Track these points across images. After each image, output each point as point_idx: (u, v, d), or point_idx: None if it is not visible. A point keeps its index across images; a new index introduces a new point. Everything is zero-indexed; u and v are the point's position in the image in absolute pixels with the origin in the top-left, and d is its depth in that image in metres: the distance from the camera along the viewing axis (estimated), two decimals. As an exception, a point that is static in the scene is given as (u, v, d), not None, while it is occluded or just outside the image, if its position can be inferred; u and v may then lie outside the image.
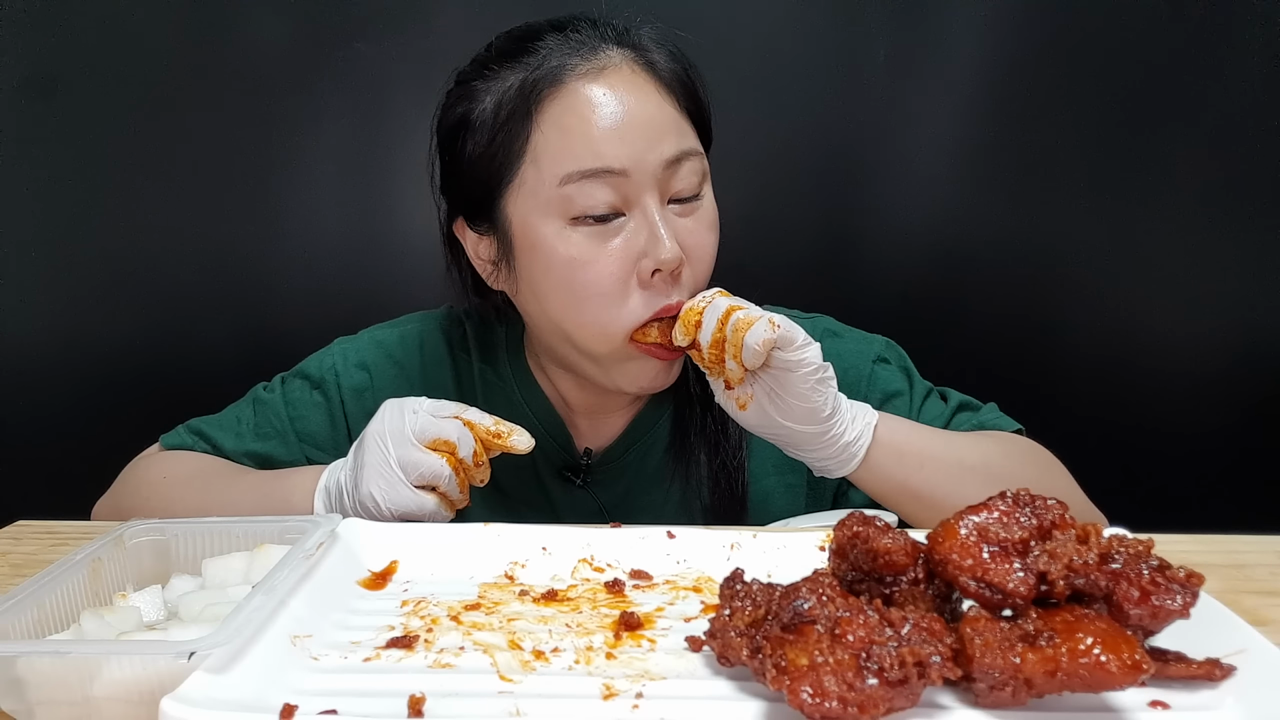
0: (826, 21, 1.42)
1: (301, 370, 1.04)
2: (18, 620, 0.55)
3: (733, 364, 0.79)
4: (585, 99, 0.84)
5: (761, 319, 0.78)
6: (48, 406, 1.54)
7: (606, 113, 0.84)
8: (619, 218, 0.85)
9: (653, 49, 0.90)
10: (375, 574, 0.66)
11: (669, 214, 0.86)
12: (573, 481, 1.00)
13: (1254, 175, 1.43)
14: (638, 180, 0.84)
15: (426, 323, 1.06)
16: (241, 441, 0.99)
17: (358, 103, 1.46)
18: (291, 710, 0.45)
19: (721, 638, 0.50)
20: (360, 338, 1.05)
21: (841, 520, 0.55)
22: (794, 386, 0.79)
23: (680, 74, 0.91)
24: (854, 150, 1.47)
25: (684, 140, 0.87)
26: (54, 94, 1.46)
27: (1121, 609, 0.47)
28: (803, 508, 1.01)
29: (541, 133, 0.85)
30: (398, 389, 1.00)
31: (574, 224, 0.84)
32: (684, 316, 0.83)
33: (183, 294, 1.52)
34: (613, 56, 0.87)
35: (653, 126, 0.85)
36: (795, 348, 0.78)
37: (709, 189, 0.91)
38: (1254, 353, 1.48)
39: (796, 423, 0.81)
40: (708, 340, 0.81)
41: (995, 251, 1.48)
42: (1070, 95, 1.42)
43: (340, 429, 1.01)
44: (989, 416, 0.99)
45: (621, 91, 0.85)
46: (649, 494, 1.00)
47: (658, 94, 0.87)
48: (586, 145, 0.83)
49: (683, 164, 0.86)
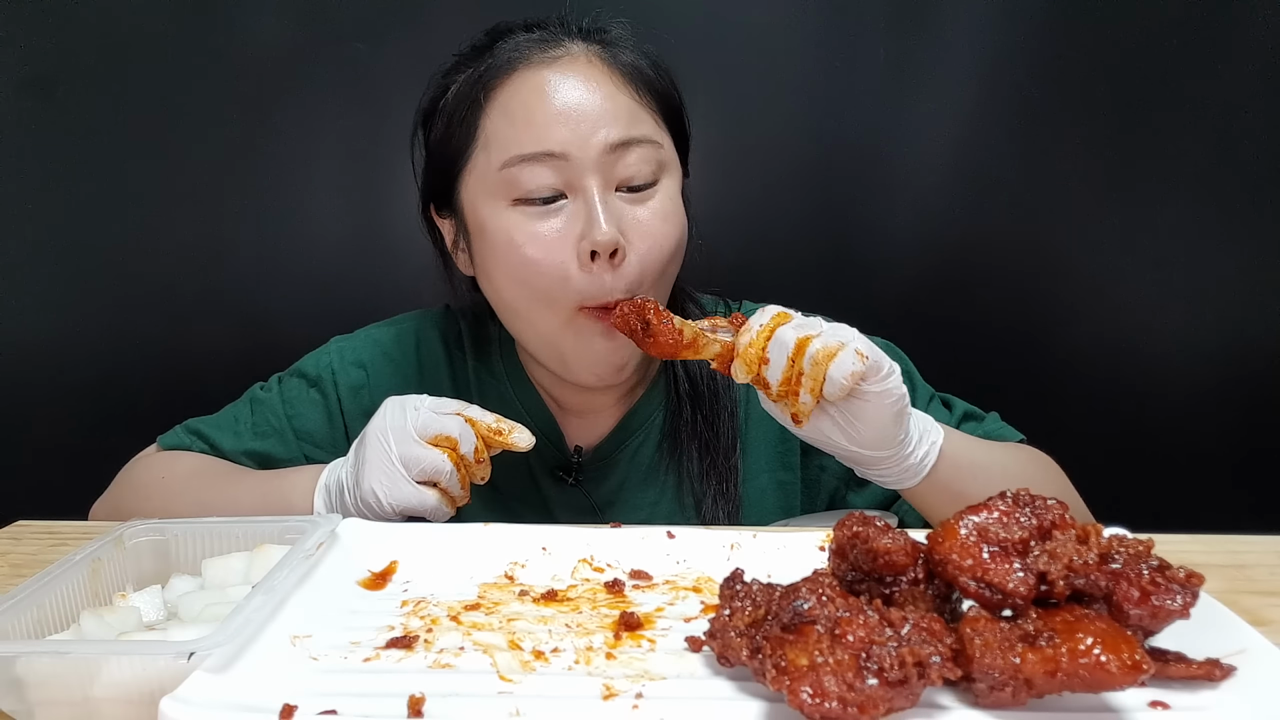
0: (826, 21, 1.42)
1: (298, 369, 1.04)
2: (18, 620, 0.55)
3: (808, 398, 0.72)
4: (533, 85, 0.87)
5: (847, 349, 0.71)
6: (48, 406, 1.54)
7: (551, 98, 0.86)
8: (560, 199, 0.86)
9: (617, 43, 0.91)
10: (375, 574, 0.66)
11: (613, 199, 0.87)
12: (564, 480, 1.00)
13: (1255, 175, 1.43)
14: (579, 163, 0.85)
15: (423, 321, 1.06)
16: (240, 441, 0.99)
17: (358, 103, 1.46)
18: (291, 710, 0.45)
19: (721, 638, 0.50)
20: (357, 336, 1.06)
21: (841, 520, 0.55)
22: (870, 416, 0.73)
23: (643, 67, 0.91)
24: (853, 151, 1.46)
25: (634, 128, 0.87)
26: (54, 94, 1.46)
27: (1121, 609, 0.47)
28: (798, 504, 1.01)
29: (490, 119, 0.87)
30: (394, 387, 1.00)
31: (516, 205, 0.87)
32: (743, 355, 0.74)
33: (181, 293, 1.52)
34: (571, 48, 0.89)
35: (599, 112, 0.86)
36: (880, 378, 0.72)
37: (670, 181, 0.91)
38: (1255, 353, 1.48)
39: (864, 447, 0.76)
40: (778, 379, 0.73)
41: (995, 251, 1.48)
42: (1071, 95, 1.42)
43: (338, 427, 1.01)
44: (994, 427, 0.99)
45: (571, 78, 0.87)
46: (641, 492, 1.00)
47: (612, 83, 0.88)
48: (529, 129, 0.85)
49: (631, 150, 0.86)
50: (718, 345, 0.76)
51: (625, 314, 0.78)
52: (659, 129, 0.90)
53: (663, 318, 0.76)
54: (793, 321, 0.74)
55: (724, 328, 0.78)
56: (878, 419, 0.74)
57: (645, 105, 0.89)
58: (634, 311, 0.77)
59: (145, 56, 1.45)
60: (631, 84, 0.89)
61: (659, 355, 0.77)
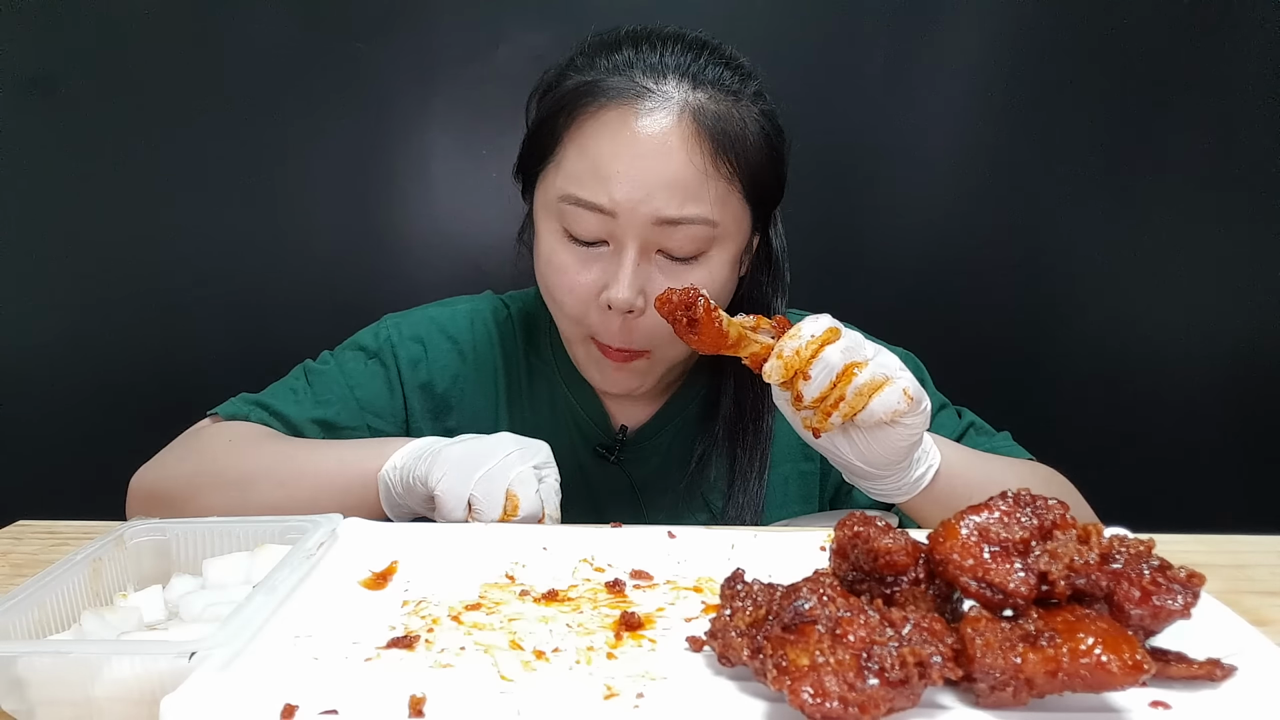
0: (827, 21, 1.42)
1: (355, 342, 1.05)
2: (18, 620, 0.55)
3: (838, 420, 0.71)
4: (613, 131, 0.84)
5: (893, 386, 0.70)
6: (48, 406, 1.54)
7: (621, 153, 0.84)
8: (602, 246, 0.88)
9: (720, 91, 0.86)
10: (376, 574, 0.66)
11: (646, 264, 0.87)
12: (606, 458, 1.01)
13: (1255, 175, 1.43)
14: (625, 224, 0.85)
15: (476, 303, 1.09)
16: (303, 409, 0.98)
17: (358, 103, 1.46)
18: (292, 710, 0.45)
19: (722, 638, 0.50)
20: (412, 314, 1.07)
21: (842, 520, 0.55)
22: (890, 441, 0.74)
23: (734, 127, 0.86)
24: (854, 151, 1.47)
25: (691, 205, 0.84)
26: (54, 94, 1.46)
27: (1122, 609, 0.47)
28: (817, 494, 1.03)
29: (571, 142, 0.87)
30: (450, 362, 1.03)
31: (564, 236, 0.89)
32: (787, 360, 0.70)
33: (182, 293, 1.52)
34: (669, 94, 0.85)
35: (660, 182, 0.83)
36: (917, 413, 0.72)
37: (720, 253, 0.88)
38: (1255, 353, 1.48)
39: (871, 466, 0.76)
40: (813, 396, 0.71)
41: (996, 251, 1.48)
42: (1071, 95, 1.42)
43: (398, 398, 1.02)
44: (1002, 444, 0.99)
45: (650, 135, 0.84)
46: (678, 474, 1.01)
47: (695, 150, 0.84)
48: (592, 177, 0.85)
49: (679, 227, 0.85)
50: (757, 346, 0.73)
51: (672, 303, 0.71)
52: (727, 200, 0.87)
53: (712, 316, 0.70)
54: (841, 342, 0.71)
55: (766, 329, 0.75)
56: (895, 445, 0.74)
57: (718, 175, 0.85)
58: (681, 302, 0.70)
59: (145, 56, 1.45)
60: (713, 149, 0.84)
61: (699, 349, 0.72)
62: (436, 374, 1.02)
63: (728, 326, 0.71)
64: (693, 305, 0.70)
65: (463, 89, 1.48)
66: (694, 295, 0.70)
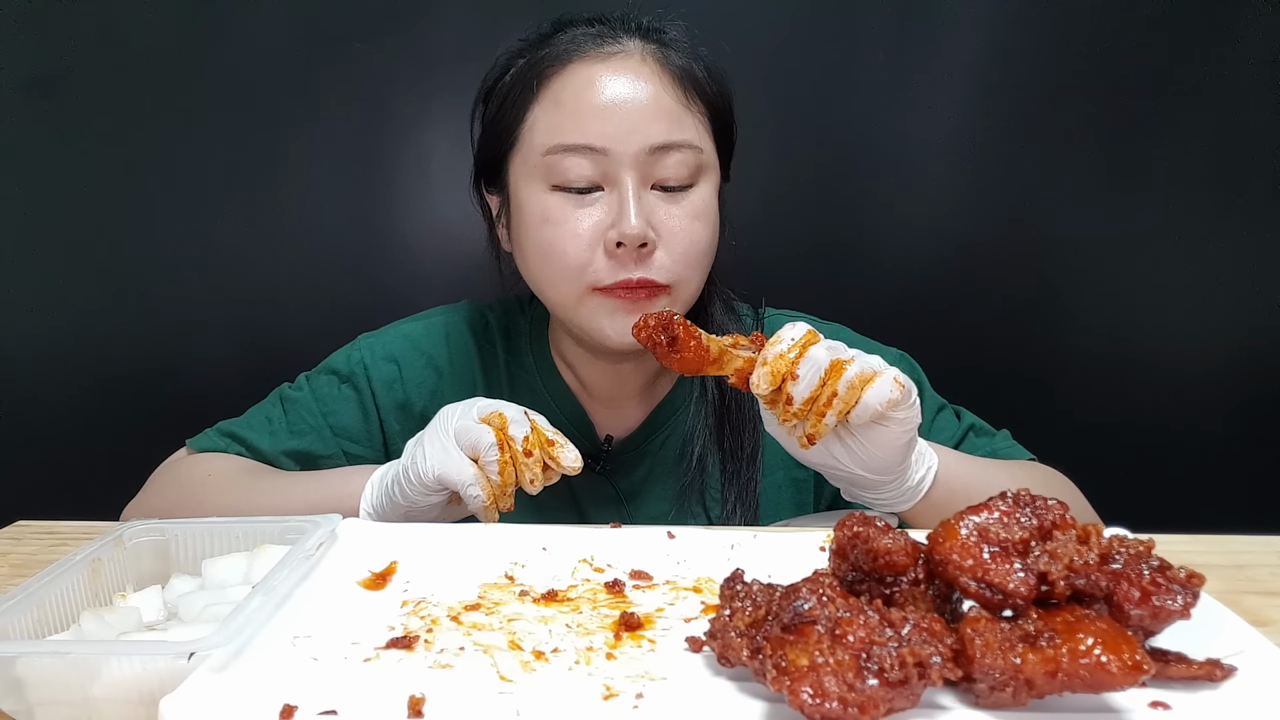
0: (827, 21, 1.42)
1: (328, 366, 1.04)
2: (18, 620, 0.55)
3: (832, 419, 0.71)
4: (584, 79, 0.89)
5: (884, 376, 0.70)
6: (49, 407, 1.54)
7: (600, 93, 0.88)
8: (597, 191, 0.89)
9: (673, 44, 0.93)
10: (375, 574, 0.66)
11: (647, 195, 0.89)
12: (591, 468, 1.00)
13: (1255, 176, 1.43)
14: (617, 159, 0.87)
15: (450, 315, 1.08)
16: (277, 441, 0.98)
17: (358, 103, 1.46)
18: (291, 710, 0.45)
19: (722, 638, 0.50)
20: (385, 332, 1.06)
21: (841, 520, 0.54)
22: (886, 440, 0.73)
23: (695, 70, 0.92)
24: (854, 151, 1.47)
25: (677, 131, 0.89)
26: (54, 94, 1.46)
27: (1122, 609, 0.47)
28: (811, 501, 1.02)
29: (541, 105, 0.90)
30: (427, 379, 1.03)
31: (554, 190, 0.90)
32: (773, 366, 0.71)
33: (182, 294, 1.52)
34: (627, 45, 0.91)
35: (644, 111, 0.88)
36: (908, 405, 0.72)
37: (707, 184, 0.93)
38: (1255, 352, 1.48)
39: (870, 471, 0.76)
40: (804, 396, 0.70)
41: (997, 251, 1.48)
42: (1072, 96, 1.42)
43: (373, 421, 1.01)
44: (1002, 444, 0.99)
45: (622, 75, 0.89)
46: (664, 483, 1.01)
47: (663, 84, 0.90)
48: (575, 121, 0.88)
49: (670, 153, 0.89)
50: (740, 361, 0.73)
51: (650, 327, 0.72)
52: (703, 133, 0.92)
53: (690, 333, 0.71)
54: (823, 342, 0.72)
55: (745, 345, 0.75)
56: (892, 444, 0.74)
57: (692, 109, 0.91)
58: (659, 325, 0.72)
59: (145, 57, 1.45)
60: (681, 86, 0.91)
61: (682, 371, 0.72)
62: (413, 392, 1.01)
63: (708, 342, 0.72)
64: (670, 325, 0.71)
65: (462, 89, 1.47)
66: (669, 315, 0.71)
